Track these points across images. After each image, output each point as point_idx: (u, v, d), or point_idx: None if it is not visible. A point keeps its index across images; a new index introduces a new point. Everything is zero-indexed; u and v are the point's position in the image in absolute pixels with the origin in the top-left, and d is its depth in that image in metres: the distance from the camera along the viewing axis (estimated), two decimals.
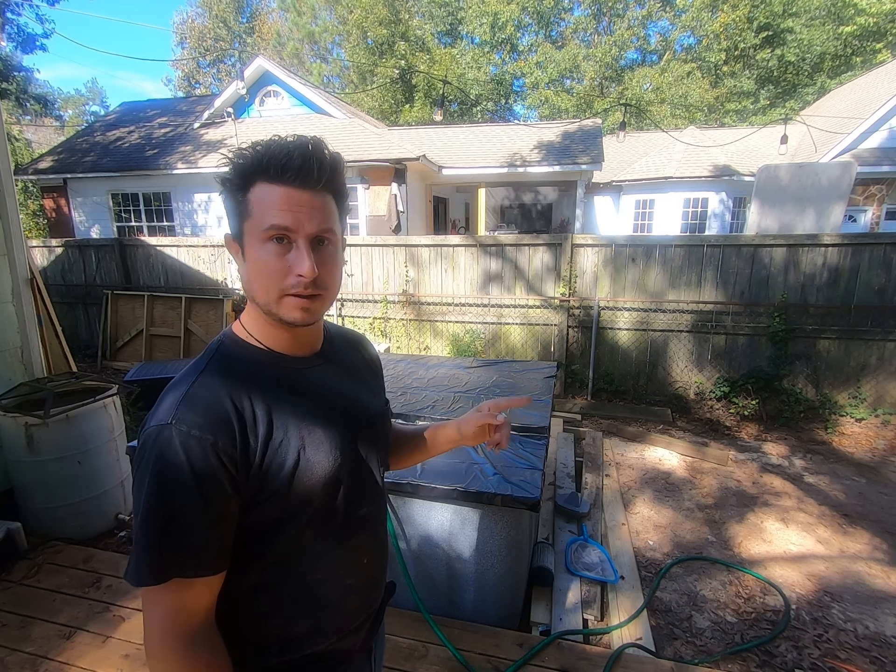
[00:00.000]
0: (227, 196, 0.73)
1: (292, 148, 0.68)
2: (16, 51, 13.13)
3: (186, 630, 0.66)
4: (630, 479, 3.64)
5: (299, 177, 0.68)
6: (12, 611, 2.16)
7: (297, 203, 0.69)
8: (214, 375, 0.72)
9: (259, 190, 0.69)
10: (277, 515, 0.71)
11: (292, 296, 0.71)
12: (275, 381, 0.75)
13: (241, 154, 0.70)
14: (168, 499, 0.64)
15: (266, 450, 0.69)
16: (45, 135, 22.74)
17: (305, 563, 0.76)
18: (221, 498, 0.66)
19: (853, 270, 4.39)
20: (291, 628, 0.77)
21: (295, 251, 0.70)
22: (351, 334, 1.01)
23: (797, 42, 18.58)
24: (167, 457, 0.64)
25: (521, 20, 21.35)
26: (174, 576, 0.64)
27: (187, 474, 0.63)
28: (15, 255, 3.08)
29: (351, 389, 0.86)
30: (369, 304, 5.88)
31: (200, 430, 0.65)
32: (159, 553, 0.64)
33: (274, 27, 27.29)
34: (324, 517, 0.76)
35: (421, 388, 2.98)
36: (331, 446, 0.76)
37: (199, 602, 0.67)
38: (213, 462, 0.65)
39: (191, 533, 0.64)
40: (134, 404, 3.95)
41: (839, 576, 2.61)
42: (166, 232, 9.89)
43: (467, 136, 11.13)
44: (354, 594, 0.84)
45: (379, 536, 0.91)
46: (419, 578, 2.15)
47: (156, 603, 0.66)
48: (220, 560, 0.68)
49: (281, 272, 0.70)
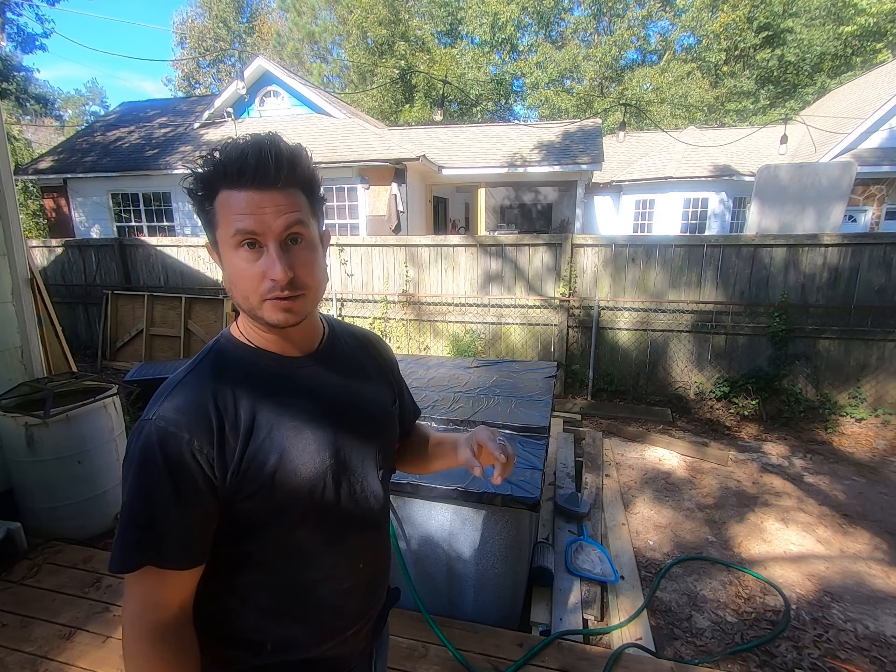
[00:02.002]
0: (196, 207, 0.72)
1: (246, 149, 0.67)
2: (16, 51, 13.13)
3: (155, 621, 0.67)
4: (630, 479, 3.64)
5: (256, 178, 0.67)
6: (12, 611, 2.16)
7: (259, 205, 0.67)
8: (202, 375, 0.73)
9: (222, 198, 0.68)
10: (262, 514, 0.71)
11: (271, 300, 0.70)
12: (264, 380, 0.75)
13: (204, 161, 0.69)
14: (144, 490, 0.66)
15: (245, 449, 0.69)
16: (45, 135, 22.73)
17: (298, 564, 0.76)
18: (196, 494, 0.67)
19: (853, 270, 4.39)
20: (286, 629, 0.77)
21: (265, 255, 0.69)
22: (361, 333, 0.98)
23: (797, 42, 18.58)
24: (145, 451, 0.66)
25: (521, 20, 21.34)
26: (146, 563, 0.65)
27: (162, 469, 0.65)
28: (15, 255, 3.08)
29: (350, 389, 0.85)
30: (369, 304, 5.88)
31: (178, 427, 0.66)
32: (135, 541, 0.66)
33: (274, 27, 27.28)
34: (315, 518, 0.75)
35: (421, 388, 2.98)
36: (319, 447, 0.75)
37: (172, 595, 0.68)
38: (188, 459, 0.66)
39: (164, 525, 0.66)
40: (134, 404, 3.95)
41: (839, 576, 2.61)
42: (166, 232, 9.89)
43: (467, 136, 11.13)
44: (352, 597, 0.83)
45: (378, 540, 0.89)
46: (419, 578, 2.15)
47: (131, 591, 0.67)
48: (195, 555, 0.69)
49: (256, 278, 0.69)
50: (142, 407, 4.03)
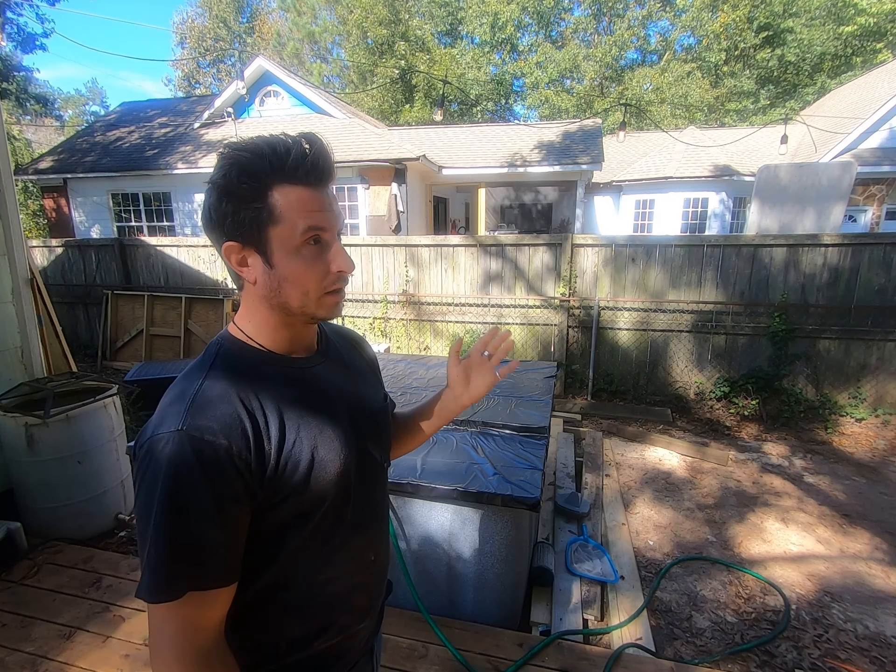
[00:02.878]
0: (236, 205, 0.67)
1: (307, 147, 0.68)
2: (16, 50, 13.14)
3: (202, 646, 0.63)
4: (630, 479, 3.64)
5: (324, 177, 0.70)
6: (12, 611, 2.16)
7: (325, 202, 0.70)
8: (220, 379, 0.69)
9: (282, 194, 0.67)
10: (290, 517, 0.70)
11: (331, 293, 0.73)
12: (281, 381, 0.74)
13: (247, 158, 0.66)
14: (183, 508, 0.60)
15: (280, 452, 0.68)
16: (45, 135, 22.72)
17: (315, 562, 0.76)
18: (236, 506, 0.63)
19: (853, 270, 4.39)
20: (301, 628, 0.77)
21: (332, 249, 0.71)
22: (348, 333, 1.00)
23: (797, 42, 18.58)
24: (179, 464, 0.60)
25: (521, 20, 21.34)
26: (190, 589, 0.61)
27: (201, 482, 0.60)
28: (15, 255, 3.08)
29: (353, 386, 0.86)
30: (369, 304, 5.88)
31: (213, 434, 0.62)
32: (175, 566, 0.60)
33: (274, 27, 27.28)
34: (333, 515, 0.76)
35: (421, 388, 2.98)
36: (340, 444, 0.76)
37: (214, 615, 0.65)
38: (228, 468, 0.62)
39: (207, 544, 0.61)
40: (134, 404, 3.95)
41: (839, 576, 2.61)
42: (166, 232, 9.89)
43: (467, 136, 11.13)
44: (362, 592, 0.84)
45: (383, 532, 0.92)
46: (419, 578, 2.15)
47: (168, 619, 0.62)
48: (235, 570, 0.66)
49: (321, 273, 0.71)
50: (142, 407, 4.03)
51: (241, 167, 0.65)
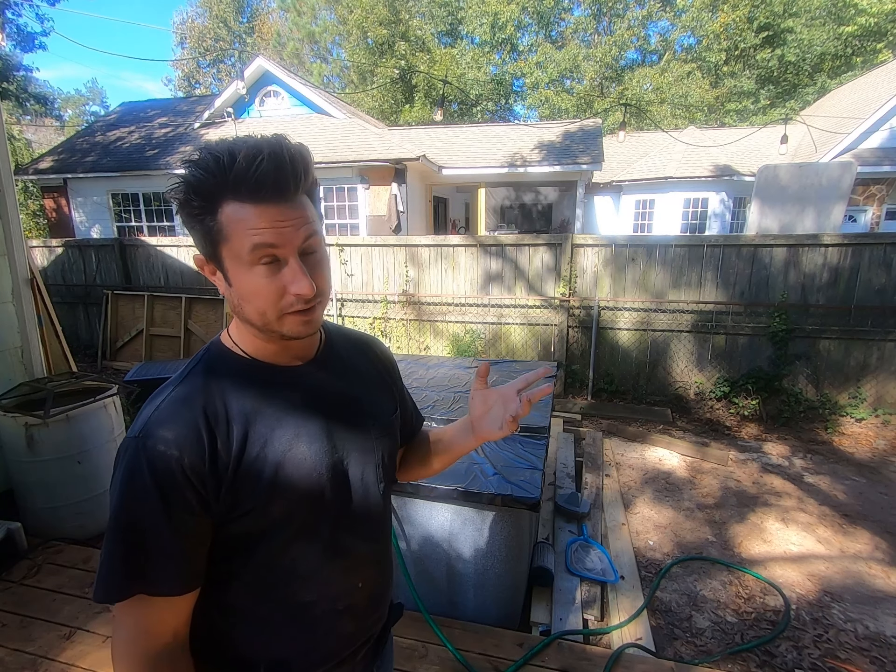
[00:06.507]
0: (191, 221, 0.65)
1: (257, 157, 0.60)
2: (16, 50, 13.14)
3: (150, 649, 0.64)
4: (630, 479, 3.64)
5: (275, 191, 0.62)
6: (12, 611, 2.16)
7: (278, 218, 0.62)
8: (191, 387, 0.69)
9: (231, 210, 0.62)
10: (256, 531, 0.68)
11: (292, 314, 0.67)
12: (258, 392, 0.71)
13: (193, 174, 0.61)
14: (132, 513, 0.62)
15: (239, 465, 0.66)
16: (45, 135, 22.73)
17: (291, 583, 0.72)
18: (187, 515, 0.63)
19: (853, 270, 4.39)
20: (279, 650, 0.74)
21: (287, 269, 0.64)
22: (357, 337, 0.94)
23: (797, 42, 18.58)
24: (133, 471, 0.62)
25: (521, 20, 21.33)
26: (137, 592, 0.62)
27: (151, 489, 0.61)
28: (15, 255, 3.08)
29: (348, 398, 0.80)
30: (369, 304, 5.88)
31: (166, 445, 0.62)
32: (123, 567, 0.62)
33: (274, 27, 27.29)
34: (308, 536, 0.72)
35: (421, 388, 2.98)
36: (316, 460, 0.71)
37: (166, 622, 0.65)
38: (179, 478, 0.62)
39: (155, 549, 0.62)
40: (134, 404, 3.94)
41: (839, 576, 2.61)
42: (166, 232, 9.90)
43: (467, 136, 11.13)
44: (349, 618, 0.79)
45: (378, 556, 0.85)
46: (419, 578, 2.15)
47: (122, 619, 0.64)
48: (188, 580, 0.65)
49: (276, 294, 0.65)
50: (141, 407, 4.04)
51: (188, 183, 0.62)
